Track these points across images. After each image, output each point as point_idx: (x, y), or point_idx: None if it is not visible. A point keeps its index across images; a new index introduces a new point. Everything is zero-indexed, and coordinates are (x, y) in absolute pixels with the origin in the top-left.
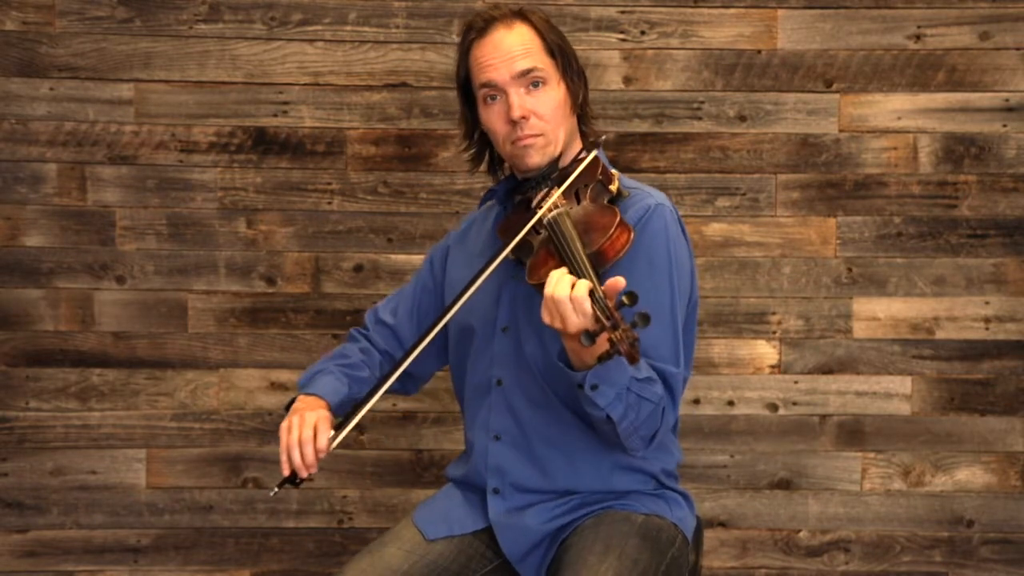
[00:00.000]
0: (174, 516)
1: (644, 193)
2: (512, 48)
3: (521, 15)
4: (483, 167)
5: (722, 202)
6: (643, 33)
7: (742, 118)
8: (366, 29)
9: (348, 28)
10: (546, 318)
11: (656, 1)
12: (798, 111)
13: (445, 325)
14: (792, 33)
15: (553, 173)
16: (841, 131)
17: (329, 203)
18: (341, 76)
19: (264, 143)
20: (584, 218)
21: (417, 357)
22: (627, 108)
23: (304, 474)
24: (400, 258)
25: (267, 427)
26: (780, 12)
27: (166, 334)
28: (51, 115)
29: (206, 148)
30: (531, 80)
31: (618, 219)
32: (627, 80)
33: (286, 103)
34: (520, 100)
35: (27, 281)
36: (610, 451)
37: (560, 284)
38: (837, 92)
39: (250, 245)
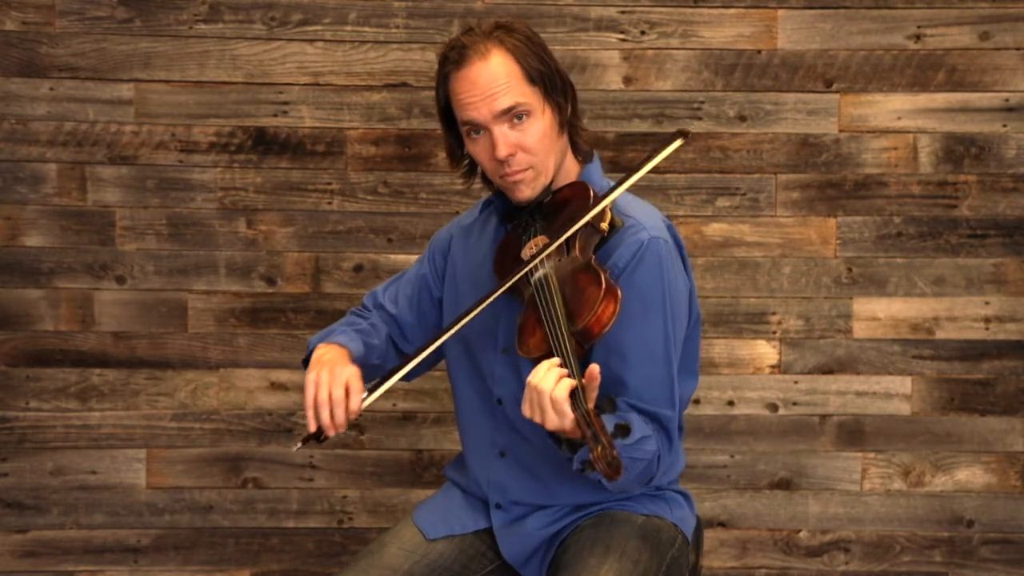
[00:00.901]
0: (174, 516)
1: (638, 225)
2: (490, 85)
3: (496, 39)
4: (477, 178)
5: (722, 202)
6: (643, 33)
7: (742, 118)
8: (366, 29)
9: (348, 28)
10: (526, 410)
11: (656, 1)
12: (798, 111)
13: (438, 310)
14: (792, 33)
15: (546, 199)
16: (841, 131)
17: (329, 203)
18: (341, 76)
19: (264, 143)
20: (571, 280)
21: (419, 340)
22: (627, 108)
23: (331, 433)
24: (400, 258)
25: (267, 427)
26: (780, 12)
27: (166, 334)
28: (51, 115)
29: (206, 148)
30: (514, 115)
31: (603, 289)
32: (627, 80)
33: (286, 103)
34: (504, 138)
35: (27, 281)
36: None
37: (545, 379)
38: (837, 92)
39: (250, 245)
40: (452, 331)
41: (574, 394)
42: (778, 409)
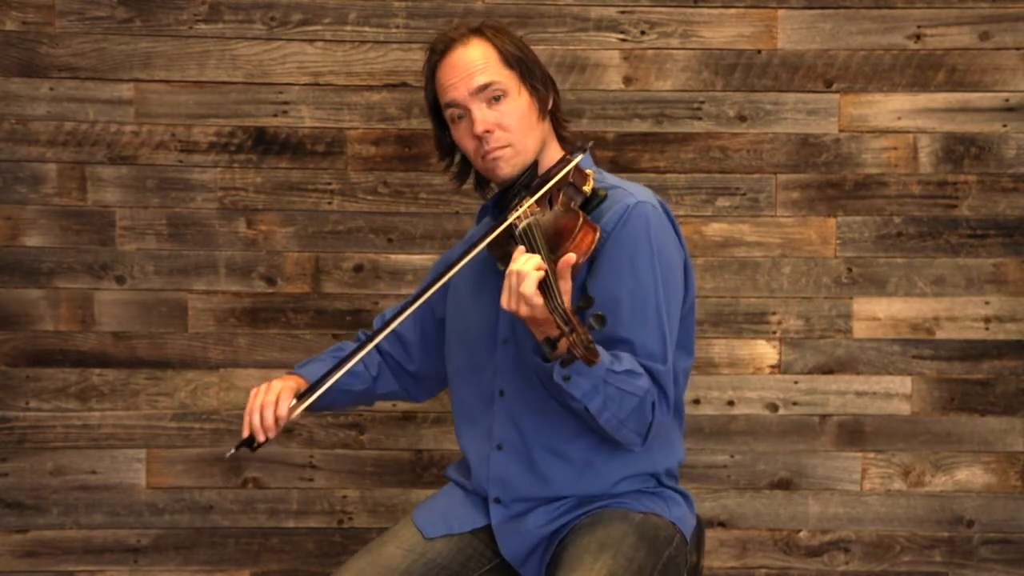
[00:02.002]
0: (174, 516)
1: (625, 192)
2: (468, 65)
3: (478, 31)
4: (470, 183)
5: (722, 202)
6: (643, 33)
7: (742, 118)
8: (366, 29)
9: (348, 28)
10: (504, 300)
11: (656, 1)
12: (798, 111)
13: (445, 336)
14: (792, 33)
15: (533, 181)
16: (841, 131)
17: (329, 203)
18: (341, 76)
19: (264, 143)
20: (552, 224)
21: (421, 357)
22: (627, 108)
23: (261, 438)
24: (400, 258)
25: None
26: (780, 12)
27: (166, 334)
28: (51, 115)
29: (206, 148)
30: (491, 95)
31: (581, 220)
32: (627, 80)
33: (286, 103)
34: (483, 115)
35: (27, 281)
36: (615, 459)
37: (519, 262)
38: (837, 92)
39: (250, 245)
40: (427, 295)
41: (546, 285)
42: (778, 409)
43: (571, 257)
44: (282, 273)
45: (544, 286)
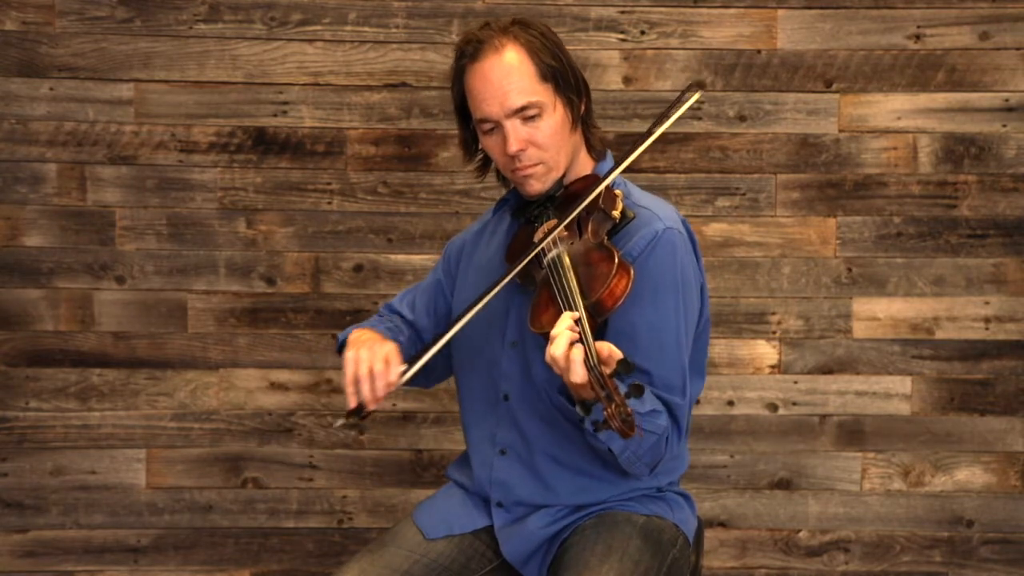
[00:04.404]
0: (174, 516)
1: (651, 215)
2: (503, 82)
3: (511, 35)
4: (491, 173)
5: (722, 202)
6: (643, 33)
7: (742, 118)
8: (366, 29)
9: (348, 28)
10: (547, 358)
11: (656, 1)
12: (798, 111)
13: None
14: (792, 33)
15: (559, 192)
16: (841, 131)
17: (329, 203)
18: (341, 76)
19: (264, 143)
20: (584, 259)
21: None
22: (627, 108)
23: (373, 406)
24: (400, 258)
25: (267, 427)
26: (780, 12)
27: (166, 334)
28: (51, 115)
29: (206, 148)
30: (527, 115)
31: (616, 264)
32: (627, 80)
33: (286, 103)
34: (516, 133)
35: (27, 281)
36: (619, 474)
37: (557, 343)
38: (837, 92)
39: (250, 245)
40: (474, 311)
41: (586, 360)
42: (778, 409)
43: (614, 351)
44: (282, 273)
45: (586, 360)
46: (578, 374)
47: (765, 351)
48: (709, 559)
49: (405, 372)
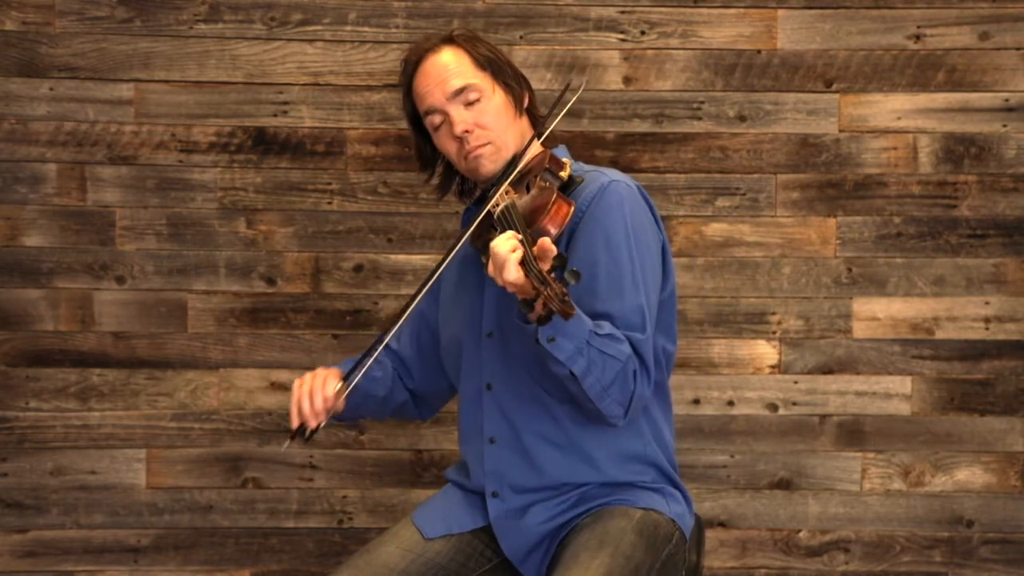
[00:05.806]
0: (174, 516)
1: (600, 174)
2: (442, 71)
3: (448, 39)
4: (452, 193)
5: (722, 202)
6: (643, 33)
7: (742, 118)
8: (366, 29)
9: (348, 28)
10: (490, 270)
11: (656, 1)
12: (798, 111)
13: (438, 342)
14: (792, 33)
15: (510, 170)
16: (841, 131)
17: (329, 203)
18: (341, 76)
19: (264, 143)
20: (529, 204)
21: (420, 375)
22: (627, 108)
23: (313, 423)
24: (400, 258)
25: (267, 427)
26: (780, 12)
27: (166, 334)
28: (51, 115)
29: (206, 148)
30: (467, 98)
31: (555, 195)
32: (627, 80)
33: (286, 103)
34: (461, 116)
35: (27, 281)
36: (603, 441)
37: (497, 242)
38: (837, 92)
39: (250, 245)
40: (423, 292)
41: (525, 262)
42: (778, 409)
43: (545, 241)
44: (282, 273)
45: (525, 263)
46: (511, 272)
47: (765, 351)
48: (709, 559)
49: (341, 390)
